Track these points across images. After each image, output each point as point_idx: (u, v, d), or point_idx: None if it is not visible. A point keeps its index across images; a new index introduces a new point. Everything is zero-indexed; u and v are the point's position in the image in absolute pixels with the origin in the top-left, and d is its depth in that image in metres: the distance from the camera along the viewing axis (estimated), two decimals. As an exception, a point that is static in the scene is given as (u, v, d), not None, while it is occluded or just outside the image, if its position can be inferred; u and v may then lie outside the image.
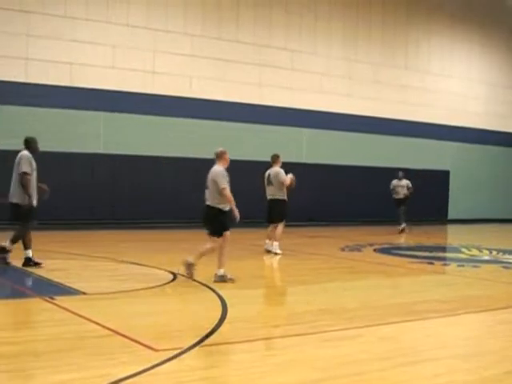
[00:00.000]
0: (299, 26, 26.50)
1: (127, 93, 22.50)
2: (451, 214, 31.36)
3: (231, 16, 24.81)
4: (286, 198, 16.24)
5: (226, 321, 8.21)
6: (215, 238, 11.49)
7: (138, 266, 13.05)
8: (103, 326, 7.75)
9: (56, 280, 10.95)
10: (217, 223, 11.47)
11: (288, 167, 16.91)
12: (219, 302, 9.36)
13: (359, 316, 9.05)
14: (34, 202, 12.42)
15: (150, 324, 8.07)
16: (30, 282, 10.99)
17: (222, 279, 11.20)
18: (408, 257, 16.41)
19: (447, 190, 31.33)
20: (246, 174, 19.22)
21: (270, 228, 16.31)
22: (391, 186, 24.39)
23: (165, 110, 23.16)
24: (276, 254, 15.82)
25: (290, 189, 16.44)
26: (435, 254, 17.69)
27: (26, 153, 12.59)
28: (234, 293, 10.36)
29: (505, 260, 16.48)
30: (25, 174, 12.25)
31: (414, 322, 8.74)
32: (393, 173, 26.09)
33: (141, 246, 17.61)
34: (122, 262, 13.60)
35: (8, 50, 20.70)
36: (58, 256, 14.45)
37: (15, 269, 12.29)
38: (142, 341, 7.04)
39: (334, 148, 26.96)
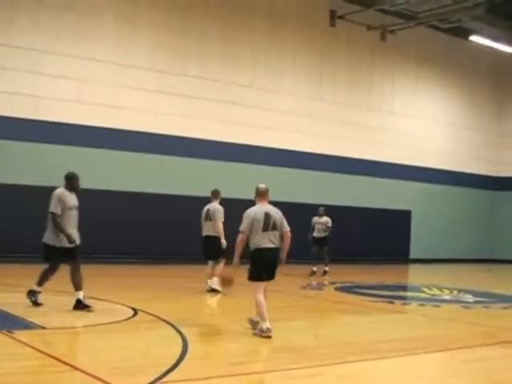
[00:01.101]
0: (265, 64, 26.69)
1: (93, 127, 22.46)
2: (413, 254, 31.55)
3: (197, 52, 24.93)
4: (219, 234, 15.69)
5: (186, 357, 8.19)
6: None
7: (100, 301, 12.96)
8: (62, 362, 7.69)
9: (15, 313, 10.85)
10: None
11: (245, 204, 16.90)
12: (180, 339, 9.33)
13: (319, 354, 9.07)
14: (67, 245, 11.60)
15: (109, 359, 8.02)
16: (-12, 316, 10.88)
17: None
18: (369, 296, 16.47)
19: (409, 229, 31.54)
20: (198, 210, 19.25)
21: (210, 265, 15.79)
22: (312, 224, 21.93)
23: (130, 144, 23.15)
24: (215, 290, 15.39)
25: None
26: (396, 293, 17.79)
27: (58, 190, 12.05)
28: (195, 330, 10.35)
29: (465, 300, 16.61)
30: (52, 214, 11.76)
31: (372, 362, 8.77)
32: (355, 212, 26.31)
33: (104, 280, 17.50)
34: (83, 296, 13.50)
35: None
36: (17, 289, 14.31)
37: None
38: (101, 377, 7.00)
39: (297, 186, 27.06)
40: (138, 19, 23.60)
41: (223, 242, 15.47)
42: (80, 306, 11.63)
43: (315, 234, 21.75)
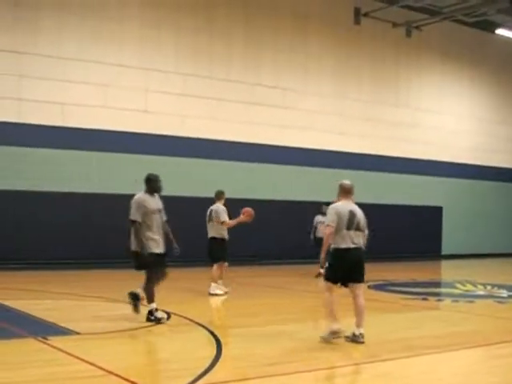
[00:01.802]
0: (290, 65, 26.62)
1: (119, 132, 22.52)
2: (445, 250, 31.33)
3: (222, 55, 24.93)
4: (225, 236, 15.52)
5: (220, 359, 8.16)
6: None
7: (131, 306, 12.96)
8: (97, 366, 7.68)
9: (49, 320, 10.88)
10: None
11: (277, 204, 16.88)
12: (213, 341, 9.30)
13: (355, 353, 9.00)
14: (156, 250, 11.21)
15: (144, 363, 8.02)
16: (23, 322, 10.90)
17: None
18: (402, 293, 16.36)
19: (440, 225, 31.34)
20: (234, 212, 19.11)
21: (215, 268, 15.39)
22: (314, 223, 20.46)
23: (156, 148, 23.17)
24: (216, 294, 14.96)
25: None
26: (429, 290, 17.64)
27: (137, 196, 11.72)
28: (229, 331, 10.31)
29: (499, 295, 16.45)
30: (132, 222, 11.32)
31: (408, 359, 8.69)
32: (385, 209, 26.18)
33: (136, 285, 17.51)
34: (116, 301, 13.52)
35: (0, 90, 20.75)
36: (50, 296, 14.38)
37: (8, 309, 12.22)
38: (136, 381, 6.98)
39: (325, 185, 26.90)
40: (162, 23, 23.62)
41: (233, 221, 15.48)
42: (151, 317, 11.02)
43: (318, 235, 19.16)
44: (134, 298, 11.28)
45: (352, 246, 9.63)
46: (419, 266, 26.15)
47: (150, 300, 11.09)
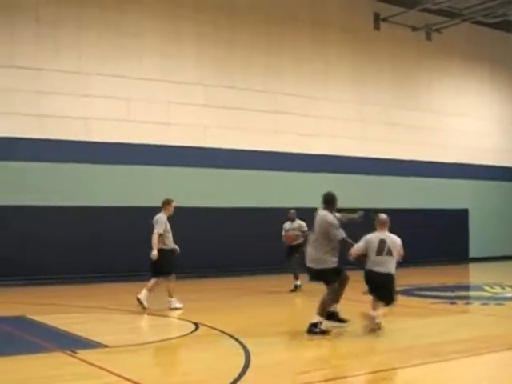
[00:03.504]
0: (310, 72, 26.62)
1: (142, 145, 22.61)
2: (472, 253, 31.14)
3: (243, 65, 24.98)
4: (166, 246, 14.58)
5: (249, 369, 8.15)
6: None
7: (161, 317, 13.01)
8: (126, 379, 7.71)
9: (77, 333, 10.93)
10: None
11: (302, 212, 16.74)
12: (242, 351, 9.30)
13: (384, 359, 8.97)
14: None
15: (173, 375, 8.03)
16: (52, 337, 10.95)
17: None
18: (430, 297, 16.28)
19: (467, 228, 31.16)
20: (261, 222, 19.18)
21: (152, 281, 14.47)
22: (283, 231, 18.70)
23: (180, 160, 23.23)
24: (176, 308, 14.19)
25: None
26: (458, 294, 17.54)
27: (324, 213, 11.42)
28: (256, 340, 10.29)
29: (528, 297, 16.35)
30: (342, 240, 11.14)
31: (437, 364, 8.65)
32: (411, 214, 26.09)
33: (158, 296, 17.57)
34: (143, 313, 13.56)
35: (21, 107, 20.90)
36: (78, 310, 14.45)
37: (36, 323, 12.29)
38: (165, 392, 7.00)
39: (349, 192, 26.85)
40: (182, 35, 23.70)
41: (154, 254, 14.24)
42: (315, 329, 10.94)
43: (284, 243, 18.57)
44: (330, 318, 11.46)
45: (375, 269, 10.90)
46: (447, 269, 26.00)
47: (322, 312, 11.04)
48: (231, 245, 23.37)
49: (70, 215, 21.18)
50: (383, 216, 11.24)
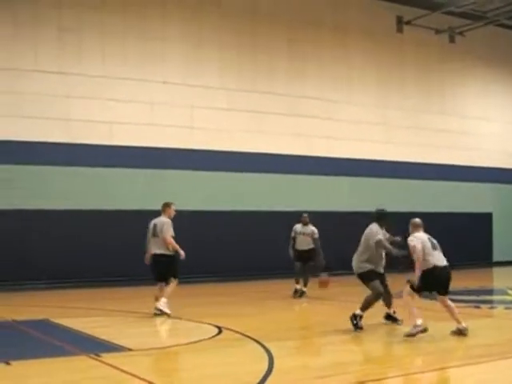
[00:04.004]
0: (333, 75, 26.58)
1: (166, 149, 22.68)
2: (496, 256, 30.96)
3: (266, 69, 24.99)
4: (172, 252, 14.18)
5: (273, 373, 8.15)
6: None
7: (184, 321, 13.03)
8: (149, 382, 7.72)
9: (101, 337, 10.97)
10: None
11: (326, 216, 16.77)
12: (265, 354, 9.29)
13: (407, 363, 8.95)
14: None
15: (196, 378, 8.03)
16: (75, 340, 11.00)
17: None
18: (454, 301, 16.15)
19: (491, 232, 30.98)
20: (284, 225, 19.09)
21: (159, 286, 14.18)
22: (292, 234, 18.05)
23: (204, 163, 23.28)
24: (164, 313, 13.63)
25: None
26: (482, 298, 17.42)
27: (375, 227, 12.27)
28: (280, 344, 10.29)
29: (553, 301, 16.22)
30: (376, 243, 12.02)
31: (464, 368, 8.61)
32: (435, 217, 25.91)
33: (185, 300, 17.62)
34: (164, 317, 13.59)
35: (47, 111, 21.04)
36: (101, 313, 14.51)
37: (60, 327, 12.35)
38: (188, 396, 7.01)
39: (373, 195, 26.80)
40: (205, 39, 23.77)
41: (182, 254, 14.03)
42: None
43: (297, 247, 17.90)
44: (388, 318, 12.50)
45: (439, 264, 10.99)
46: (470, 273, 25.82)
47: (363, 308, 11.84)
48: (254, 248, 23.39)
49: (93, 219, 21.28)
50: (418, 219, 11.54)
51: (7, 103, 20.63)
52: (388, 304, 12.42)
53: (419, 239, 10.99)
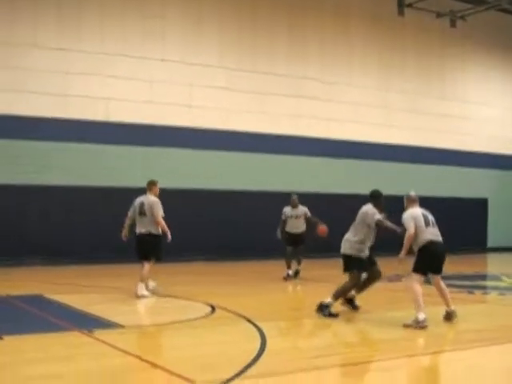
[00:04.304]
0: (334, 57, 26.54)
1: (164, 127, 22.66)
2: (490, 242, 31.02)
3: (266, 49, 24.92)
4: (160, 232, 13.72)
5: (265, 352, 8.18)
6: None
7: (177, 299, 13.06)
8: (142, 359, 7.75)
9: (95, 313, 11.00)
10: None
11: (324, 198, 16.79)
12: (258, 334, 9.32)
13: (400, 346, 8.97)
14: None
15: (189, 356, 8.05)
16: (69, 316, 11.02)
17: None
18: (448, 286, 16.19)
19: (486, 217, 31.02)
20: (282, 206, 19.07)
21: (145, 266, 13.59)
22: (283, 217, 17.47)
23: (201, 142, 23.27)
24: (144, 296, 13.21)
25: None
26: (475, 283, 17.46)
27: (369, 207, 11.80)
28: (273, 324, 10.33)
29: (546, 288, 16.26)
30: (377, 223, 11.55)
31: (455, 352, 8.66)
32: (430, 202, 25.91)
33: (180, 278, 17.66)
34: (160, 295, 13.62)
35: (46, 86, 20.99)
36: (91, 290, 14.54)
37: (54, 303, 12.37)
38: (181, 373, 7.03)
39: (370, 178, 26.82)
40: (205, 18, 23.70)
41: (169, 237, 13.54)
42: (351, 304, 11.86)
43: (288, 230, 17.39)
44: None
45: (435, 239, 10.68)
46: (465, 258, 25.89)
47: (337, 296, 11.44)
48: (250, 228, 23.43)
49: (91, 195, 21.29)
50: (413, 193, 11.41)
51: (6, 79, 20.57)
52: (362, 288, 11.87)
53: (411, 215, 10.78)
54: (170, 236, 13.56)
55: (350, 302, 11.81)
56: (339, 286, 11.44)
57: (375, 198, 12.04)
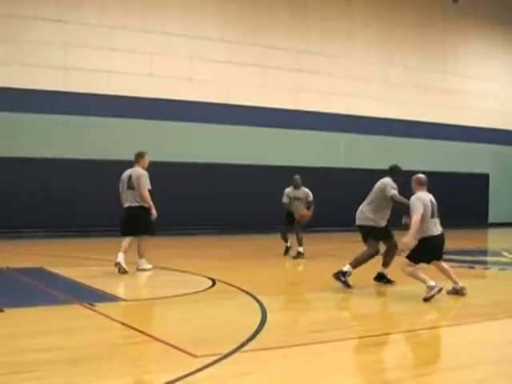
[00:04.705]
0: (335, 31, 26.44)
1: (164, 100, 22.60)
2: (491, 218, 31.03)
3: (267, 22, 24.82)
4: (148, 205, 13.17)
5: (265, 326, 8.17)
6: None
7: (179, 272, 13.06)
8: (142, 333, 7.75)
9: (96, 287, 10.99)
10: None
11: (323, 172, 16.74)
12: (259, 308, 9.32)
13: (399, 321, 8.98)
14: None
15: (189, 330, 8.05)
16: (70, 289, 11.02)
17: None
18: (449, 261, 16.20)
19: (487, 193, 31.02)
20: (282, 180, 19.03)
21: (128, 240, 13.12)
22: (285, 199, 16.67)
23: (202, 116, 23.22)
24: (145, 269, 13.13)
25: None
26: (476, 258, 17.47)
27: (388, 180, 11.82)
28: (274, 298, 10.33)
29: (547, 263, 16.26)
30: (392, 197, 11.54)
31: (454, 327, 8.66)
32: (431, 176, 25.92)
33: (181, 252, 17.66)
34: (162, 268, 13.62)
35: (46, 59, 20.90)
36: (95, 263, 14.54)
37: (55, 276, 12.37)
38: (181, 347, 7.02)
39: (371, 152, 26.82)
40: (206, -10, 23.61)
41: (154, 213, 13.08)
42: (383, 280, 11.93)
43: (293, 210, 16.58)
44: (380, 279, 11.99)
45: (437, 233, 10.52)
46: (466, 234, 25.90)
47: (355, 265, 11.51)
48: (251, 202, 23.43)
49: (91, 168, 21.28)
50: (423, 176, 11.08)
51: (5, 51, 20.53)
52: (386, 262, 11.95)
53: (421, 200, 10.47)
54: (154, 213, 13.08)
55: (383, 278, 11.95)
56: (358, 255, 11.58)
57: (393, 172, 12.04)
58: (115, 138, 21.90)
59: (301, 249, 16.42)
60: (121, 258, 12.75)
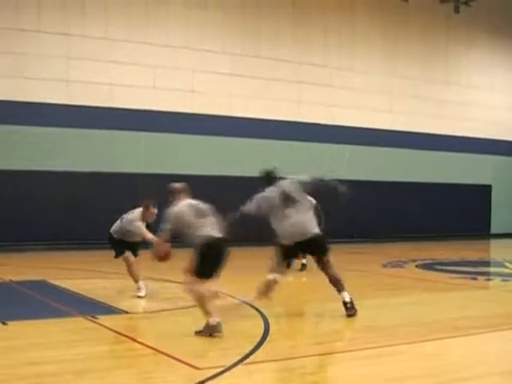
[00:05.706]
0: (338, 43, 26.49)
1: (167, 112, 22.64)
2: (494, 229, 31.01)
3: (270, 34, 24.88)
4: None
5: (268, 338, 8.19)
6: None
7: (179, 285, 13.06)
8: (145, 345, 7.77)
9: (98, 299, 11.01)
10: None
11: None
12: (261, 320, 9.33)
13: (402, 332, 8.97)
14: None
15: (193, 342, 8.06)
16: (73, 302, 11.03)
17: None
18: (451, 272, 16.24)
19: (489, 204, 31.00)
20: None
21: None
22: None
23: (204, 128, 23.24)
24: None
25: None
26: (479, 269, 17.47)
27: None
28: (276, 310, 10.33)
29: (550, 274, 16.25)
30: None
31: (457, 339, 8.64)
32: (433, 188, 25.99)
33: (180, 264, 17.65)
34: (162, 280, 13.63)
35: (49, 72, 20.96)
36: (100, 275, 14.56)
37: (58, 288, 12.39)
38: (184, 359, 7.04)
39: (374, 164, 26.83)
40: (208, 3, 23.64)
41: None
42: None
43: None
44: None
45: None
46: (468, 244, 25.90)
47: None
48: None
49: (92, 181, 21.28)
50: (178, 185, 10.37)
51: (9, 63, 20.56)
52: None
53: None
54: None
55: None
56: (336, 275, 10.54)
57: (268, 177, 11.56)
58: (118, 151, 21.91)
59: (304, 261, 16.26)
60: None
